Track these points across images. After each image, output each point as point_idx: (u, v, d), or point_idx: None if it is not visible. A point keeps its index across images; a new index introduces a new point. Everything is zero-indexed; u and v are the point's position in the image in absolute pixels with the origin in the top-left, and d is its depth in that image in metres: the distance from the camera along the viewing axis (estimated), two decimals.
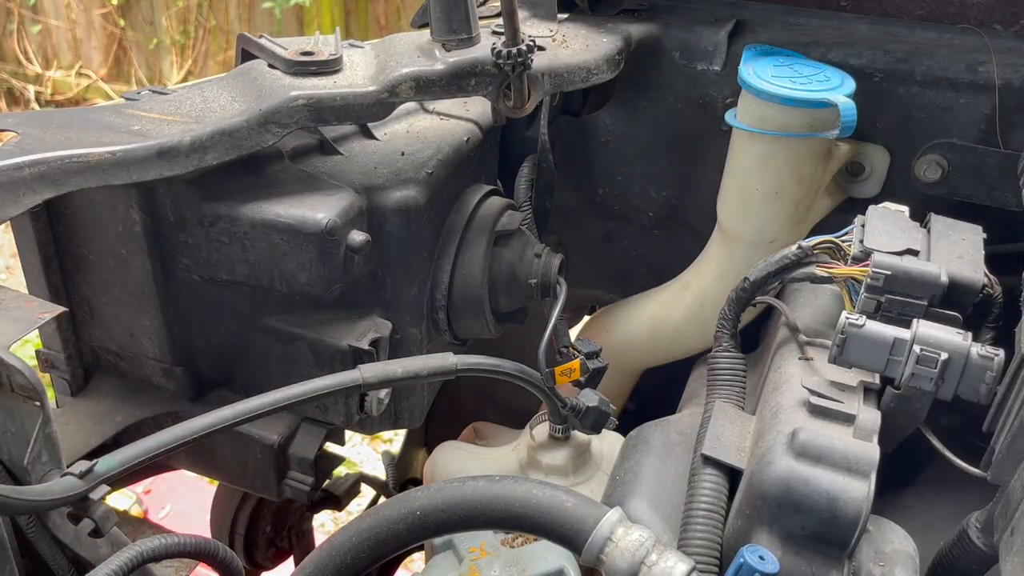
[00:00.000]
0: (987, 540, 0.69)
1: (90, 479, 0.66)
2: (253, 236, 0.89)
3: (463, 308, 1.01)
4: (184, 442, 0.71)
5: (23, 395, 0.65)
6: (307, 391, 0.78)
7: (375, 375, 0.82)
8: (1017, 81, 0.93)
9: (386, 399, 1.00)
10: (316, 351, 0.95)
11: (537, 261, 1.03)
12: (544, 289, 1.03)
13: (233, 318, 0.97)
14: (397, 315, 0.98)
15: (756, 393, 0.82)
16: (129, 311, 0.97)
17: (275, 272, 0.91)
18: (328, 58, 0.89)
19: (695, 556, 0.67)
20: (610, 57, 1.01)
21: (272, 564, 1.43)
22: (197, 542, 0.73)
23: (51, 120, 0.79)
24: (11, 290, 0.69)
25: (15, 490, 0.62)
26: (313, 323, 0.95)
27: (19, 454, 0.67)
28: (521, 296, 1.04)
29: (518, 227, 1.04)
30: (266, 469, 1.01)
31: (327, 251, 0.88)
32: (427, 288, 0.99)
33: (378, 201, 0.92)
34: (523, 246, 1.04)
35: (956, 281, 0.75)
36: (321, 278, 0.90)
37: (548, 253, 1.04)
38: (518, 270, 1.03)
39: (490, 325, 1.04)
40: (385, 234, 0.93)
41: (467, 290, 1.00)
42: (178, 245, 0.92)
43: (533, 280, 1.02)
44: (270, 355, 0.98)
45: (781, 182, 0.99)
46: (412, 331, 0.99)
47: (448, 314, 1.01)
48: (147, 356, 1.00)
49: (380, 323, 0.96)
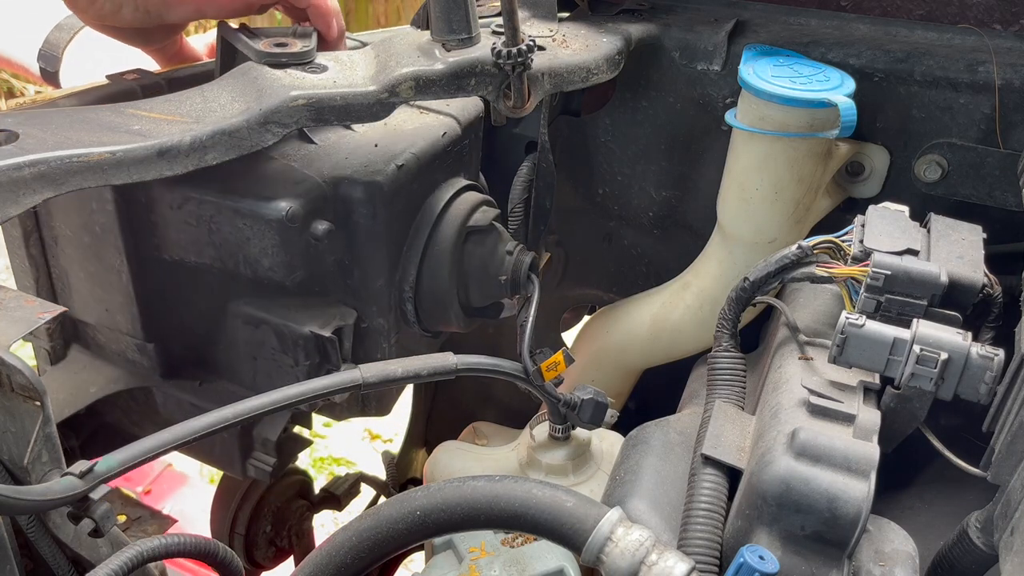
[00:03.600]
0: (987, 540, 0.69)
1: (90, 479, 0.66)
2: (219, 220, 0.91)
3: (431, 301, 1.02)
4: (184, 442, 0.71)
5: (23, 395, 0.65)
6: (307, 391, 0.78)
7: (375, 375, 0.83)
8: (1017, 81, 0.93)
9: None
10: (281, 336, 0.96)
11: (509, 258, 1.03)
12: (514, 286, 1.04)
13: (203, 299, 0.99)
14: (363, 304, 0.99)
15: (756, 393, 0.82)
16: (104, 287, 0.99)
17: (240, 256, 0.92)
18: (300, 50, 0.90)
19: (695, 556, 0.67)
20: (610, 57, 1.01)
21: (272, 564, 1.43)
22: (197, 542, 0.73)
23: (51, 120, 0.79)
24: (11, 290, 0.69)
25: (15, 490, 0.62)
26: (279, 308, 0.96)
27: (19, 454, 0.67)
28: (492, 292, 1.05)
29: (491, 223, 1.04)
30: (231, 448, 1.04)
31: (288, 238, 0.90)
32: (395, 279, 1.00)
33: (345, 191, 0.94)
34: (495, 242, 1.04)
35: (956, 281, 0.75)
36: (283, 264, 0.92)
37: (521, 251, 1.05)
38: (489, 266, 1.03)
39: (459, 319, 1.05)
40: (352, 224, 0.94)
41: (435, 283, 1.01)
42: (149, 226, 0.94)
43: (503, 277, 1.03)
44: (238, 337, 0.99)
45: (781, 182, 0.99)
46: (379, 321, 1.00)
47: (416, 306, 1.02)
48: (121, 331, 1.02)
49: (345, 311, 0.98)
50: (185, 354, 1.03)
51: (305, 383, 0.78)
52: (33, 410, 0.65)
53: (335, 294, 0.98)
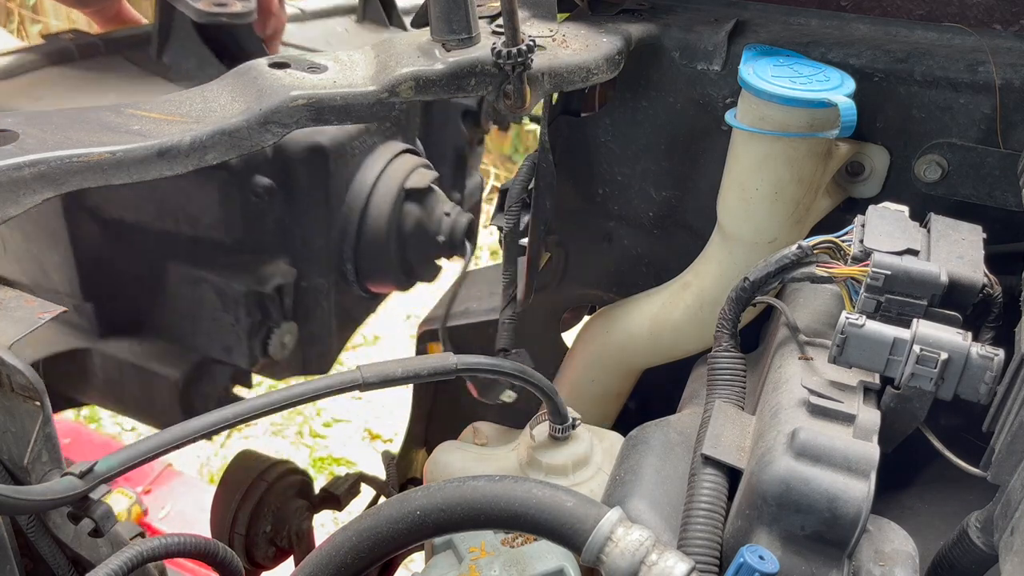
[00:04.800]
0: (987, 540, 0.69)
1: (90, 479, 0.66)
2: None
3: (370, 261, 1.04)
4: (184, 442, 0.71)
5: (23, 395, 0.65)
6: (307, 391, 0.78)
7: (375, 375, 0.83)
8: (1017, 81, 0.93)
9: (290, 344, 1.03)
10: (221, 294, 0.98)
11: (447, 219, 1.05)
12: (451, 247, 1.05)
13: (142, 258, 0.99)
14: (304, 264, 1.00)
15: (756, 393, 0.82)
16: (40, 246, 0.99)
17: (180, 214, 0.92)
18: (240, 11, 0.90)
19: (695, 556, 0.67)
20: (610, 57, 1.01)
21: (272, 564, 1.43)
22: (197, 542, 0.73)
23: (51, 120, 0.79)
24: (11, 290, 0.69)
25: (15, 490, 0.62)
26: (219, 267, 0.98)
27: (19, 454, 0.67)
28: (430, 252, 1.07)
29: (428, 185, 1.06)
30: (171, 406, 1.06)
31: (228, 194, 0.90)
32: (335, 239, 1.01)
33: (287, 151, 0.94)
34: (433, 204, 1.06)
35: (956, 281, 0.75)
36: (223, 221, 0.93)
37: (459, 213, 1.06)
38: (427, 227, 1.05)
39: (397, 279, 1.06)
40: (293, 184, 0.95)
41: (374, 243, 1.03)
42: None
43: (441, 237, 1.04)
44: (178, 296, 1.00)
45: (781, 182, 0.99)
46: (319, 280, 1.02)
47: (356, 266, 1.03)
48: (58, 291, 1.02)
49: (286, 270, 0.99)
50: (123, 314, 1.04)
51: (305, 384, 0.78)
52: (33, 410, 0.65)
53: (276, 253, 0.99)
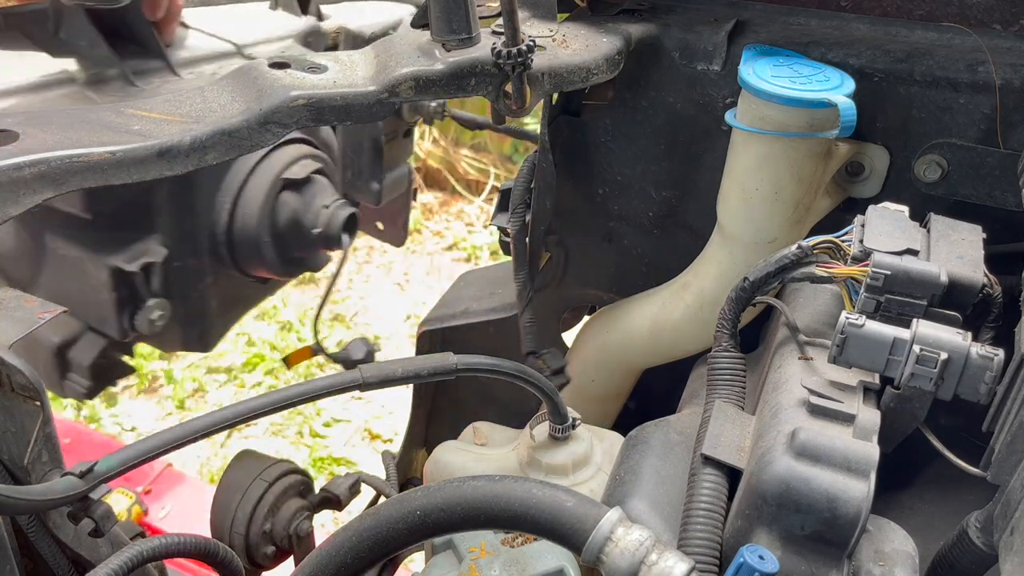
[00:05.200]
0: (987, 540, 0.69)
1: (90, 479, 0.66)
2: None
3: (243, 246, 1.06)
4: (184, 442, 0.71)
5: (23, 395, 0.65)
6: (307, 391, 0.78)
7: (375, 375, 0.83)
8: (1017, 81, 0.93)
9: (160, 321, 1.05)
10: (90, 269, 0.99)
11: (325, 211, 1.06)
12: (327, 240, 1.06)
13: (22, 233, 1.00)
14: (176, 244, 1.02)
15: (756, 393, 0.82)
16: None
17: None
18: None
19: (695, 556, 0.67)
20: (610, 57, 1.01)
21: (272, 564, 1.43)
22: (197, 542, 0.73)
23: (51, 120, 0.79)
24: (11, 290, 0.69)
25: (15, 490, 0.62)
26: (91, 242, 1.00)
27: (19, 454, 0.67)
28: (306, 243, 1.08)
29: (308, 176, 1.07)
30: (50, 368, 1.09)
31: None
32: (208, 222, 1.02)
33: None
34: (313, 196, 1.07)
35: (956, 281, 0.75)
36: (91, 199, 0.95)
37: (339, 206, 1.07)
38: (303, 218, 1.06)
39: (274, 266, 1.08)
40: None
41: (246, 229, 1.05)
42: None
43: (317, 229, 1.05)
44: (61, 269, 1.01)
45: (781, 182, 0.99)
46: (192, 261, 1.04)
47: (230, 249, 1.05)
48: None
49: (156, 249, 1.01)
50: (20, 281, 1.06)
51: (305, 384, 0.79)
52: (33, 410, 0.65)
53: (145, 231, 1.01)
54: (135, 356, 1.24)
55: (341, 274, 1.06)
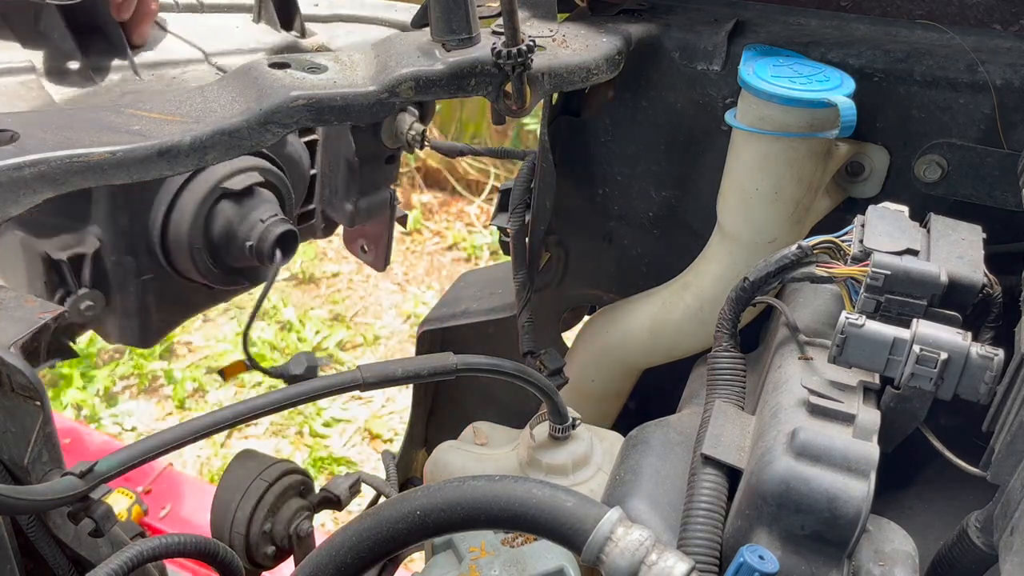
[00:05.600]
0: (987, 540, 0.69)
1: (90, 479, 0.66)
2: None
3: (176, 251, 1.06)
4: (184, 442, 0.71)
5: (23, 395, 0.65)
6: (307, 391, 0.78)
7: (375, 375, 0.83)
8: (1017, 81, 0.93)
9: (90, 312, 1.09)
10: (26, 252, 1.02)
11: (260, 225, 1.06)
12: (259, 254, 1.06)
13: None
14: (111, 238, 1.02)
15: (756, 393, 0.82)
16: None
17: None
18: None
19: (695, 556, 0.67)
20: (610, 57, 1.01)
21: (272, 564, 1.43)
22: (197, 542, 0.73)
23: (51, 120, 0.79)
24: (11, 290, 0.69)
25: (15, 490, 0.62)
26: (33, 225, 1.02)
27: (19, 454, 0.67)
28: (238, 255, 1.08)
29: (249, 187, 1.07)
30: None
31: None
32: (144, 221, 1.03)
33: None
34: (251, 208, 1.07)
35: (956, 281, 0.75)
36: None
37: (275, 222, 1.07)
38: (237, 229, 1.06)
39: (207, 273, 1.08)
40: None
41: (178, 236, 1.05)
42: None
43: (250, 243, 1.06)
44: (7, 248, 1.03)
45: (781, 182, 0.99)
46: (126, 258, 1.05)
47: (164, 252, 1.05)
48: None
49: (90, 241, 1.01)
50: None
51: (305, 384, 0.79)
52: (33, 410, 0.65)
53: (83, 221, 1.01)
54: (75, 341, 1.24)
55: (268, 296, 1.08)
